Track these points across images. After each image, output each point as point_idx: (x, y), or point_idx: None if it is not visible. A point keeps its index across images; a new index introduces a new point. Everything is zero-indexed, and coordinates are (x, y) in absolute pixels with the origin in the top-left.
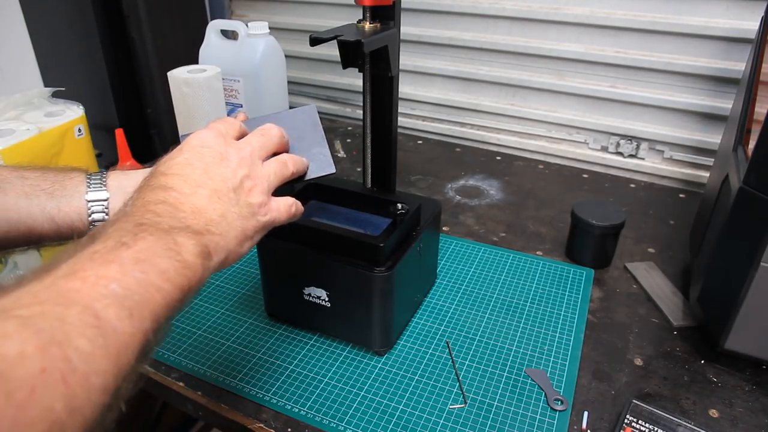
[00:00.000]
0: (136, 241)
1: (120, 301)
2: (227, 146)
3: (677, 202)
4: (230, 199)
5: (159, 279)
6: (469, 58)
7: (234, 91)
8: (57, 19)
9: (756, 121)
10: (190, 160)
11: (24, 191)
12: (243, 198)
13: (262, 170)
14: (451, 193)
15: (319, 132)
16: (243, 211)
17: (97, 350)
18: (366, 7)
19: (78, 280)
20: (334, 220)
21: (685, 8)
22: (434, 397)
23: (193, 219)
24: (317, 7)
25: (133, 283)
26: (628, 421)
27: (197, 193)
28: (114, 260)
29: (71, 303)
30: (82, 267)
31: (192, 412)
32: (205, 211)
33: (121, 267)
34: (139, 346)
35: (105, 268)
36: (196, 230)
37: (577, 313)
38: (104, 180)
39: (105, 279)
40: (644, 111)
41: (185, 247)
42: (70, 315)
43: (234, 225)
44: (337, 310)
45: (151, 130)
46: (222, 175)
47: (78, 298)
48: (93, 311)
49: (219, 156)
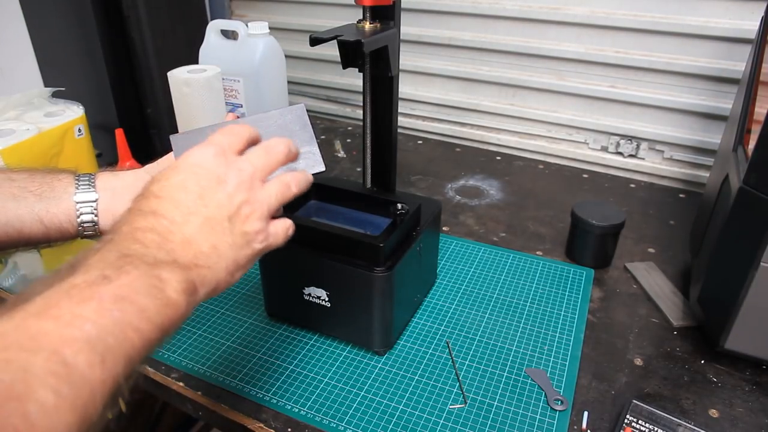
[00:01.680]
0: (119, 275)
1: (93, 345)
2: (227, 167)
3: (677, 202)
4: (224, 229)
5: (138, 319)
6: (469, 58)
7: (234, 91)
8: (57, 19)
9: (756, 121)
10: (184, 183)
11: (12, 193)
12: (239, 227)
13: (262, 194)
14: (451, 193)
15: (308, 131)
16: (237, 240)
17: (61, 402)
18: (366, 7)
19: (50, 319)
20: (334, 220)
21: (685, 8)
22: (434, 397)
23: (182, 251)
24: (317, 7)
25: (110, 324)
26: (628, 421)
27: (189, 222)
28: (92, 297)
29: (39, 348)
30: (57, 303)
31: (192, 412)
32: (195, 243)
33: (99, 305)
34: (109, 393)
35: (81, 306)
36: (183, 264)
37: (577, 313)
38: (93, 181)
39: (80, 319)
40: (644, 111)
41: (170, 283)
42: (36, 363)
43: (225, 256)
44: (337, 310)
45: (151, 130)
46: (218, 200)
47: (47, 342)
48: (62, 358)
49: (216, 179)
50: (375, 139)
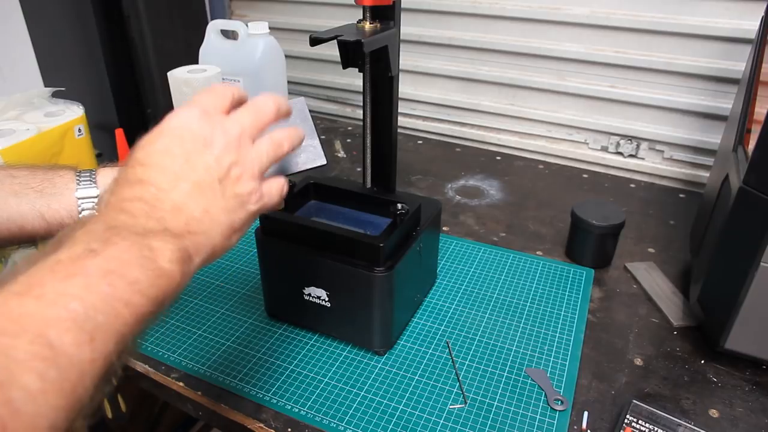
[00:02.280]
0: (106, 248)
1: (80, 324)
2: (212, 128)
3: (677, 202)
4: (215, 192)
5: (129, 292)
6: (469, 58)
7: None
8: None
9: (756, 121)
10: (168, 147)
11: (13, 190)
12: (230, 188)
13: (252, 153)
14: (451, 193)
15: (308, 124)
16: (230, 203)
17: (47, 387)
18: (366, 7)
19: (33, 298)
20: (334, 220)
21: (685, 8)
22: (434, 397)
23: (172, 219)
24: (317, 7)
25: (98, 300)
26: (628, 421)
27: (177, 187)
28: (78, 272)
29: (21, 331)
30: (41, 281)
31: (192, 412)
32: (186, 208)
33: (86, 280)
34: (100, 374)
35: (66, 283)
36: (175, 232)
37: (577, 313)
38: (94, 177)
39: (65, 296)
40: (644, 111)
41: (161, 252)
42: (18, 347)
43: (219, 220)
44: (337, 310)
45: None
46: (205, 163)
47: (30, 324)
48: (46, 339)
49: (202, 141)
50: (375, 139)
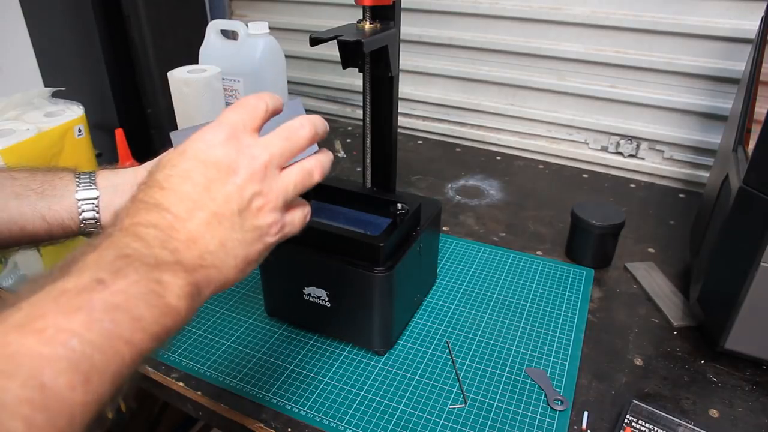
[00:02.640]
0: (115, 280)
1: (76, 364)
2: (238, 154)
3: (677, 202)
4: (233, 224)
5: (131, 330)
6: (469, 58)
7: (234, 91)
8: (57, 19)
9: (756, 121)
10: (190, 172)
11: (14, 192)
12: (249, 221)
13: (278, 182)
14: (451, 193)
15: None
16: (248, 236)
17: (33, 430)
18: (366, 7)
19: (33, 334)
20: (334, 220)
21: (685, 8)
22: (434, 397)
23: (186, 250)
24: (317, 7)
25: (99, 338)
26: (628, 421)
27: (194, 217)
28: (82, 306)
29: (15, 371)
30: (43, 314)
31: (192, 412)
32: (201, 240)
33: (89, 316)
34: (91, 416)
35: (68, 318)
36: (187, 265)
37: (577, 313)
38: (93, 179)
39: (65, 333)
40: (644, 111)
41: (170, 288)
42: (10, 390)
43: (234, 253)
44: (337, 310)
45: (151, 130)
46: (226, 193)
47: (26, 362)
48: (39, 381)
49: (226, 168)
50: (375, 139)
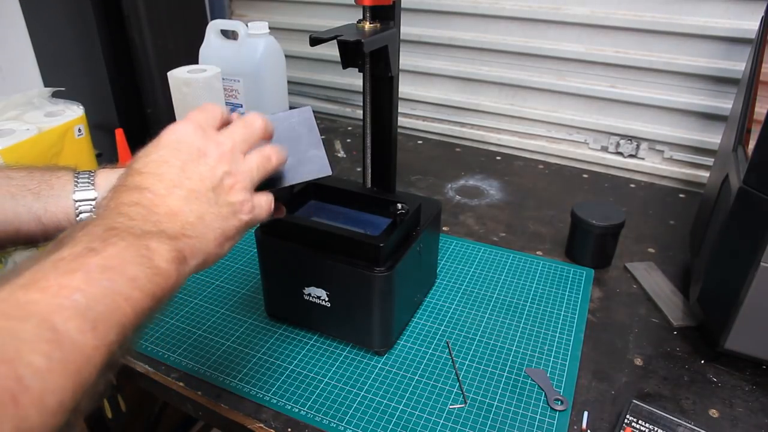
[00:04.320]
0: (106, 247)
1: (83, 313)
2: (206, 140)
3: (677, 202)
4: (209, 199)
5: (128, 287)
6: (469, 58)
7: (234, 91)
8: (57, 19)
9: (756, 121)
10: (165, 157)
11: (9, 192)
12: (223, 197)
13: (243, 165)
14: (451, 193)
15: (315, 134)
16: (223, 210)
17: (53, 366)
18: (366, 7)
19: (37, 290)
20: (334, 220)
21: (685, 8)
22: (434, 397)
23: (168, 222)
24: (317, 7)
25: (99, 293)
26: (628, 421)
27: (173, 193)
28: (79, 268)
29: (27, 316)
30: (44, 276)
31: (192, 412)
32: (181, 213)
33: (87, 275)
34: (103, 360)
35: (68, 277)
36: (170, 234)
37: (577, 313)
38: (92, 179)
39: (67, 289)
40: (644, 111)
41: (158, 252)
42: (25, 330)
43: (212, 226)
44: (337, 310)
45: (151, 130)
46: (200, 173)
47: (35, 310)
48: (51, 324)
49: (197, 152)
50: (375, 139)
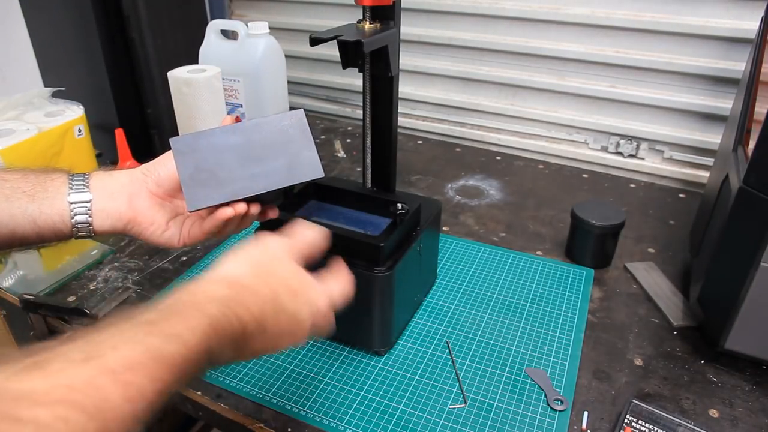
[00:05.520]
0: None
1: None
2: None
3: (677, 202)
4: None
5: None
6: (469, 58)
7: (234, 91)
8: (57, 20)
9: (756, 121)
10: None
11: (4, 194)
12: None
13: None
14: (451, 193)
15: (307, 136)
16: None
17: None
18: (366, 7)
19: (120, 386)
20: (334, 220)
21: (685, 8)
22: (434, 397)
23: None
24: (317, 7)
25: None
26: (628, 421)
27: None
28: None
29: (96, 415)
30: (133, 366)
31: (192, 412)
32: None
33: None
34: None
35: (153, 384)
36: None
37: (577, 313)
38: (87, 181)
39: (142, 398)
40: (644, 111)
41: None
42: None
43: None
44: (337, 311)
45: (151, 130)
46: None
47: (107, 411)
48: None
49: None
50: (375, 139)
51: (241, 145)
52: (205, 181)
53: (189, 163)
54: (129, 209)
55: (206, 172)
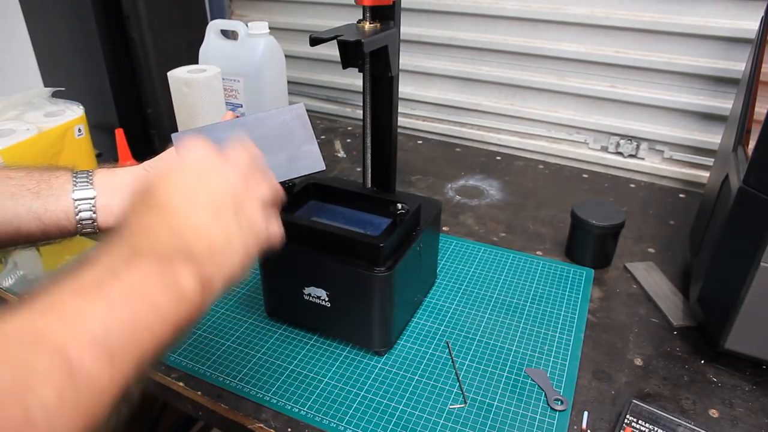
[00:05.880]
0: (129, 271)
1: (100, 345)
2: (225, 160)
3: (677, 202)
4: (231, 217)
5: (150, 316)
6: (469, 58)
7: (234, 91)
8: (57, 19)
9: (756, 121)
10: (188, 178)
11: (9, 191)
12: (242, 214)
13: (257, 188)
14: (451, 193)
15: (308, 130)
16: (244, 229)
17: (65, 403)
18: (366, 7)
19: (56, 316)
20: (334, 220)
21: (685, 8)
22: (434, 397)
23: (196, 243)
24: (317, 7)
25: (119, 323)
26: (628, 421)
27: (198, 213)
28: (100, 294)
29: (42, 348)
30: (64, 300)
31: (192, 412)
32: (207, 233)
33: (108, 302)
34: (117, 393)
35: (89, 305)
36: (197, 257)
37: (577, 313)
38: (90, 178)
39: (86, 316)
40: (644, 111)
41: (184, 277)
42: (39, 361)
43: (236, 245)
44: (337, 310)
45: (151, 130)
46: (221, 191)
47: (51, 340)
48: (66, 357)
49: (216, 171)
50: (375, 139)
51: None
52: None
53: None
54: None
55: None
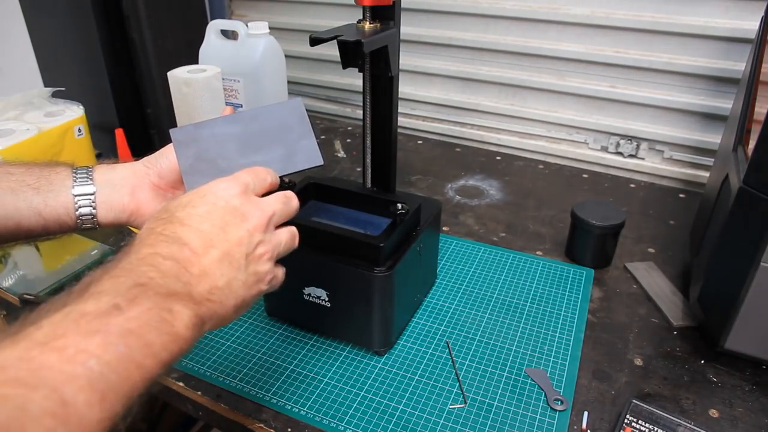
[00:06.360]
0: (130, 306)
1: (94, 384)
2: (250, 205)
3: (677, 202)
4: (239, 265)
5: (142, 355)
6: (469, 58)
7: (234, 91)
8: (57, 19)
9: (756, 121)
10: (210, 214)
11: (10, 187)
12: (252, 265)
13: (275, 237)
14: (451, 193)
15: (306, 124)
16: (249, 279)
17: None
18: (366, 7)
19: (55, 351)
20: (334, 220)
21: (685, 8)
22: (434, 397)
23: (198, 284)
24: (317, 7)
25: (114, 360)
26: (628, 421)
27: (209, 254)
28: (99, 329)
29: (39, 384)
30: (64, 333)
31: (192, 412)
32: (212, 276)
33: (106, 339)
34: (104, 430)
35: (87, 340)
36: (197, 297)
37: (577, 313)
38: (90, 174)
39: (84, 354)
40: (644, 111)
41: (180, 317)
42: (34, 401)
43: (236, 293)
44: (337, 310)
45: (151, 130)
46: (239, 237)
47: (49, 378)
48: (61, 396)
49: (240, 215)
50: (375, 139)
51: (240, 135)
52: (206, 171)
53: (189, 153)
54: (132, 201)
55: (206, 162)
